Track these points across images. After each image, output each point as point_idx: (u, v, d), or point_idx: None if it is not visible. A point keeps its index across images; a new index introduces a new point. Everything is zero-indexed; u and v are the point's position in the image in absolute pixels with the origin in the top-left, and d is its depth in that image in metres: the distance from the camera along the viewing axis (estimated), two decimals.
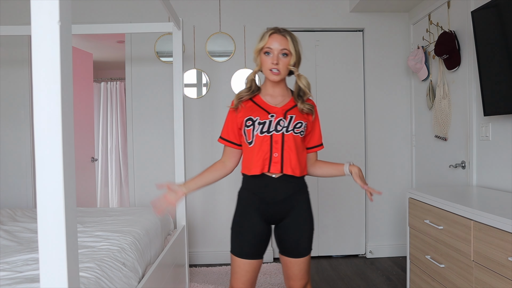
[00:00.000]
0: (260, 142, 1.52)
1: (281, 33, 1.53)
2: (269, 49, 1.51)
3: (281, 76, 1.54)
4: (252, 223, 1.55)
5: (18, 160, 3.18)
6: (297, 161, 1.53)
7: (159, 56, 3.25)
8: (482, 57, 2.15)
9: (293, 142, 1.52)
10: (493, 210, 1.64)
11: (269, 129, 1.52)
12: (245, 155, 1.59)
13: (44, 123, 0.74)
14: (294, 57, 1.53)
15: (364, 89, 3.36)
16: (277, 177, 1.53)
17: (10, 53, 3.17)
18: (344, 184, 3.37)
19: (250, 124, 1.54)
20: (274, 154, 1.51)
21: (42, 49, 0.73)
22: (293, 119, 1.54)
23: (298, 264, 1.57)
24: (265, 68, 1.54)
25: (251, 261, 1.55)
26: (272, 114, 1.53)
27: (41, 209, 0.75)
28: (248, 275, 1.56)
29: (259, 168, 1.52)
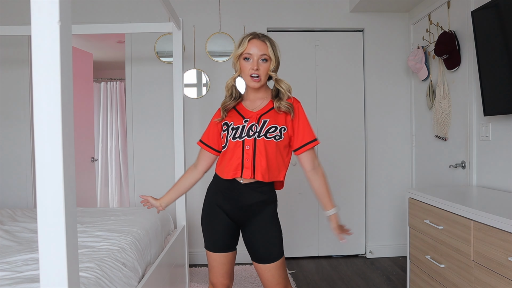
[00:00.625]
0: (233, 147, 1.52)
1: (260, 39, 1.51)
2: (249, 55, 1.49)
3: (261, 82, 1.52)
4: (219, 219, 1.57)
5: (18, 160, 3.18)
6: (267, 167, 1.50)
7: (159, 56, 3.25)
8: (482, 57, 2.15)
9: (264, 148, 1.49)
10: (493, 210, 1.64)
11: (241, 134, 1.51)
12: (221, 158, 1.62)
13: (44, 123, 0.74)
14: (274, 62, 1.51)
15: (364, 89, 3.36)
16: (244, 183, 1.52)
17: (10, 53, 3.17)
18: (344, 184, 3.37)
19: (225, 129, 1.56)
20: (245, 160, 1.50)
21: (42, 49, 0.73)
22: (266, 123, 1.51)
23: (269, 270, 1.55)
24: (245, 74, 1.52)
25: (225, 254, 1.59)
26: (246, 119, 1.53)
27: (41, 209, 0.75)
28: (224, 268, 1.61)
29: (231, 173, 1.52)
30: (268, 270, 1.55)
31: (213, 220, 1.59)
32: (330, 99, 3.35)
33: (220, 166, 1.59)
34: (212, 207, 1.60)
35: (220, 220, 1.57)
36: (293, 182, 3.19)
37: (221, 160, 1.59)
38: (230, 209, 1.56)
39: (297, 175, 3.15)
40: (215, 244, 1.59)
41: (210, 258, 1.62)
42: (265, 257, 1.54)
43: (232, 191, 1.54)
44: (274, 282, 1.56)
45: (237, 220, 1.57)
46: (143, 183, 3.28)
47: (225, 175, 1.54)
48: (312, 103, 3.33)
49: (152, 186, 3.27)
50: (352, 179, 3.38)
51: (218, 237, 1.58)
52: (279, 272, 1.56)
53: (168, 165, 3.20)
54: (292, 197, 3.29)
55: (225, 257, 1.59)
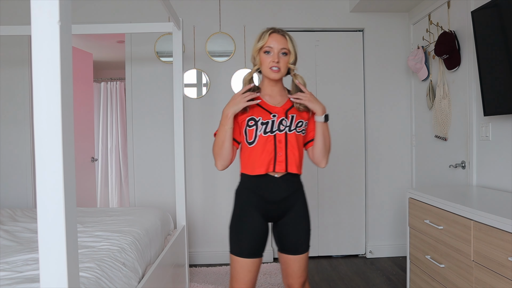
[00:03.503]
0: (264, 142, 1.53)
1: (280, 33, 1.56)
2: (269, 48, 1.53)
3: (281, 74, 1.55)
4: (251, 221, 1.56)
5: (18, 160, 3.18)
6: (299, 160, 1.57)
7: (159, 56, 3.25)
8: (482, 57, 2.15)
9: (295, 141, 1.55)
10: (493, 210, 1.64)
11: (272, 129, 1.54)
12: (245, 155, 1.59)
13: (44, 123, 0.74)
14: (293, 56, 1.56)
15: (364, 89, 3.36)
16: (279, 176, 1.55)
17: (10, 53, 3.17)
18: (344, 184, 3.37)
19: (253, 124, 1.54)
20: (278, 154, 1.53)
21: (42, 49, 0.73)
22: (295, 118, 1.56)
23: (297, 261, 1.59)
24: (265, 67, 1.55)
25: (252, 260, 1.55)
26: (274, 114, 1.55)
27: (41, 209, 0.75)
28: (249, 275, 1.56)
29: (264, 168, 1.53)
30: (296, 262, 1.59)
31: (245, 223, 1.56)
32: (330, 99, 3.35)
33: (249, 163, 1.57)
34: (245, 209, 1.58)
35: (251, 222, 1.56)
36: None
37: (249, 157, 1.56)
38: (266, 206, 1.56)
39: None
40: (243, 248, 1.55)
41: (235, 263, 1.57)
42: (293, 249, 1.59)
43: (267, 187, 1.55)
44: (298, 274, 1.60)
45: (271, 215, 1.58)
46: (143, 183, 3.28)
47: (257, 171, 1.54)
48: None
49: (152, 186, 3.28)
50: (352, 179, 3.38)
51: (248, 241, 1.55)
52: (304, 265, 1.61)
53: (168, 165, 3.20)
54: None
55: (251, 264, 1.55)
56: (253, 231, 1.55)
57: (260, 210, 1.56)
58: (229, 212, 1.67)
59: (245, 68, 3.26)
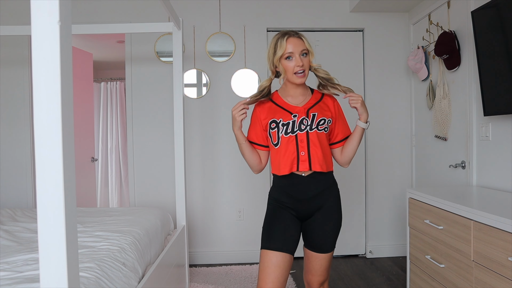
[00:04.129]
0: (286, 142, 1.56)
1: (296, 36, 1.55)
2: (290, 54, 1.53)
3: (306, 76, 1.57)
4: (284, 218, 1.57)
5: (18, 160, 3.18)
6: (323, 158, 1.56)
7: (159, 56, 3.25)
8: (482, 57, 2.15)
9: (317, 140, 1.55)
10: (493, 210, 1.64)
11: (293, 129, 1.55)
12: (273, 156, 1.63)
13: (44, 123, 0.74)
14: (313, 54, 1.58)
15: (364, 89, 3.36)
16: (306, 175, 1.57)
17: (10, 53, 3.17)
18: (344, 184, 3.37)
19: (275, 126, 1.57)
20: (301, 153, 1.55)
21: (42, 49, 0.73)
22: (316, 116, 1.57)
23: (320, 259, 1.61)
24: (289, 73, 1.55)
25: (281, 253, 1.51)
26: (295, 114, 1.57)
27: (41, 209, 0.75)
28: (277, 271, 1.49)
29: (288, 168, 1.55)
30: (318, 260, 1.61)
31: (277, 219, 1.58)
32: None
33: (275, 164, 1.61)
34: (277, 208, 1.60)
35: (284, 218, 1.57)
36: None
37: (275, 158, 1.61)
38: (297, 204, 1.57)
39: None
40: (273, 241, 1.53)
41: (264, 258, 1.53)
42: (317, 246, 1.60)
43: (296, 186, 1.57)
44: (319, 272, 1.63)
45: (304, 214, 1.59)
46: (143, 183, 3.28)
47: (282, 171, 1.56)
48: None
49: (152, 186, 3.28)
50: (352, 179, 3.38)
51: (278, 235, 1.54)
52: (327, 264, 1.63)
53: (168, 165, 3.20)
54: None
55: (280, 258, 1.50)
56: (284, 225, 1.56)
57: (291, 209, 1.58)
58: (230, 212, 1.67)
59: (245, 68, 3.26)
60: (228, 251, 3.26)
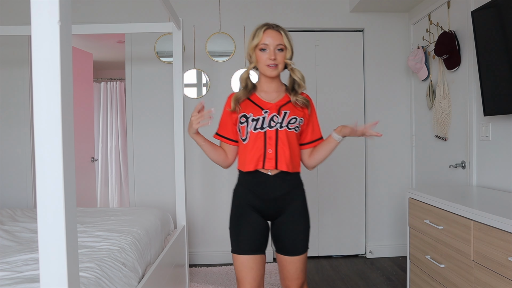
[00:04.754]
0: (254, 138, 1.52)
1: (275, 29, 1.53)
2: (265, 45, 1.51)
3: (278, 70, 1.54)
4: (250, 218, 1.53)
5: (18, 160, 3.18)
6: (290, 157, 1.52)
7: (159, 56, 3.25)
8: (482, 57, 2.15)
9: (286, 138, 1.52)
10: (493, 210, 1.64)
11: (263, 125, 1.51)
12: (240, 151, 1.60)
13: (44, 123, 0.74)
14: (290, 51, 1.54)
15: (364, 89, 3.36)
16: (273, 174, 1.53)
17: (10, 53, 3.17)
18: (344, 184, 3.37)
19: (244, 121, 1.54)
20: (268, 151, 1.51)
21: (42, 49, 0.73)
22: (287, 114, 1.53)
23: (294, 263, 1.55)
24: (261, 65, 1.54)
25: (253, 256, 1.51)
26: (266, 110, 1.53)
27: (41, 209, 0.75)
28: (252, 273, 1.51)
29: (253, 164, 1.52)
30: (292, 263, 1.54)
31: (242, 220, 1.54)
32: (330, 99, 3.35)
33: (241, 160, 1.58)
34: (242, 207, 1.56)
35: (250, 219, 1.53)
36: None
37: (242, 153, 1.58)
38: (262, 204, 1.54)
39: None
40: (243, 246, 1.52)
41: (237, 263, 1.54)
42: (290, 249, 1.54)
43: (261, 184, 1.53)
44: (295, 276, 1.55)
45: (269, 214, 1.55)
46: (143, 183, 3.28)
47: (247, 167, 1.53)
48: None
49: (152, 186, 3.28)
50: (352, 179, 3.38)
51: (247, 238, 1.52)
52: (302, 266, 1.56)
53: (168, 165, 3.20)
54: None
55: (253, 261, 1.51)
56: (251, 227, 1.52)
57: (256, 208, 1.54)
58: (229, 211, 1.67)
59: (245, 68, 3.25)
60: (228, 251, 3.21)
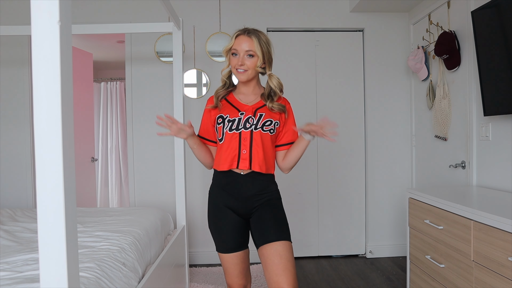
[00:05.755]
0: (229, 139, 1.55)
1: (248, 35, 1.54)
2: (235, 50, 1.55)
3: (247, 75, 1.56)
4: (228, 218, 1.57)
5: (18, 160, 3.18)
6: (264, 159, 1.55)
7: (159, 56, 3.25)
8: (482, 57, 2.15)
9: (260, 140, 1.54)
10: (493, 210, 1.64)
11: (238, 126, 1.55)
12: (217, 151, 1.63)
13: (44, 123, 0.74)
14: (261, 59, 1.54)
15: (364, 89, 3.36)
16: (244, 173, 1.56)
17: (10, 53, 3.17)
18: (344, 184, 3.37)
19: (221, 122, 1.58)
20: (242, 151, 1.54)
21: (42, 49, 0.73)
22: (262, 117, 1.56)
23: (277, 250, 1.44)
24: (232, 68, 1.59)
25: (237, 253, 1.59)
26: (242, 112, 1.57)
27: (41, 209, 0.75)
28: (238, 267, 1.61)
29: (227, 164, 1.55)
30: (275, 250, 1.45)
31: (221, 220, 1.59)
32: (330, 99, 3.35)
33: (217, 159, 1.61)
34: (218, 208, 1.60)
35: (227, 219, 1.58)
36: (292, 182, 3.19)
37: (218, 153, 1.62)
38: (236, 203, 1.57)
39: (296, 175, 3.15)
40: (225, 245, 1.58)
41: (223, 260, 1.62)
42: (271, 236, 1.48)
43: (234, 184, 1.56)
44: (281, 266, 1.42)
45: (245, 212, 1.58)
46: (143, 183, 3.28)
47: (221, 167, 1.56)
48: (312, 103, 3.33)
49: (152, 186, 3.27)
50: (352, 179, 3.38)
51: (228, 237, 1.58)
52: (287, 254, 1.45)
53: (168, 165, 3.20)
54: (292, 197, 3.28)
55: (238, 257, 1.59)
56: (230, 227, 1.57)
57: (231, 207, 1.57)
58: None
59: None
60: None
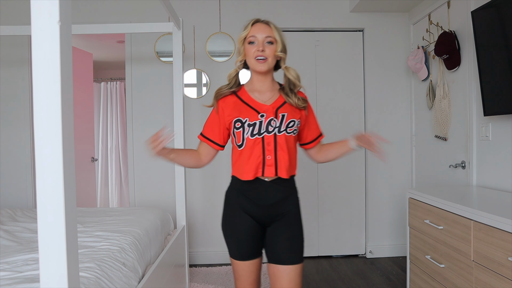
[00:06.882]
0: (252, 145, 1.44)
1: (264, 22, 1.48)
2: (253, 38, 1.44)
3: (267, 65, 1.45)
4: (245, 225, 1.48)
5: (18, 160, 3.18)
6: (289, 163, 1.46)
7: (159, 56, 3.25)
8: (482, 57, 2.15)
9: (285, 143, 1.45)
10: (493, 210, 1.64)
11: (260, 130, 1.43)
12: (235, 158, 1.51)
13: (44, 123, 0.74)
14: (280, 44, 1.45)
15: (364, 89, 3.36)
16: (269, 180, 1.47)
17: (10, 53, 3.17)
18: (344, 184, 3.37)
19: (240, 126, 1.45)
20: (267, 157, 1.43)
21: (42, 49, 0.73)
22: (285, 117, 1.45)
23: (287, 273, 1.44)
24: (250, 58, 1.46)
25: (252, 261, 1.50)
26: (262, 114, 1.44)
27: (41, 209, 0.75)
28: (252, 276, 1.52)
29: (252, 173, 1.44)
30: (286, 274, 1.44)
31: (238, 226, 1.49)
32: (330, 99, 3.35)
33: (238, 167, 1.49)
34: (236, 212, 1.50)
35: (245, 224, 1.48)
36: None
37: (237, 160, 1.49)
38: (256, 210, 1.47)
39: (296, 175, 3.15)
40: (241, 252, 1.49)
41: (237, 267, 1.52)
42: (285, 258, 1.45)
43: (256, 190, 1.46)
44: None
45: (263, 220, 1.49)
46: (143, 183, 3.28)
47: (245, 176, 1.45)
48: (312, 103, 3.29)
49: (152, 186, 3.27)
50: (352, 179, 3.38)
51: (245, 244, 1.48)
52: (296, 279, 1.46)
53: (168, 165, 3.19)
54: None
55: (253, 265, 1.50)
56: (247, 233, 1.48)
57: (250, 213, 1.48)
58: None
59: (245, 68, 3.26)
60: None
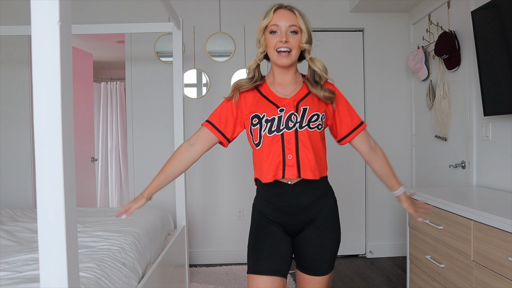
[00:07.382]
0: (270, 143, 1.27)
1: (288, 8, 1.31)
2: (276, 27, 1.27)
3: (291, 58, 1.28)
4: (270, 234, 1.31)
5: (18, 160, 3.18)
6: (316, 162, 1.27)
7: (159, 56, 3.25)
8: (482, 57, 2.15)
9: (308, 140, 1.26)
10: (493, 210, 1.64)
11: (279, 126, 1.26)
12: (255, 158, 1.35)
13: (44, 123, 0.74)
14: (306, 34, 1.28)
15: (364, 89, 3.36)
16: (293, 183, 1.28)
17: (10, 53, 3.17)
18: (344, 184, 3.36)
19: (257, 123, 1.29)
20: (287, 156, 1.25)
21: (42, 49, 0.73)
22: (307, 111, 1.26)
23: (314, 284, 1.32)
24: (271, 50, 1.28)
25: (272, 278, 1.27)
26: (282, 108, 1.27)
27: (41, 209, 0.75)
28: None
29: (271, 174, 1.27)
30: (311, 284, 1.32)
31: (263, 237, 1.31)
32: None
33: (258, 169, 1.33)
34: (262, 223, 1.33)
35: (271, 235, 1.31)
36: None
37: (257, 161, 1.33)
38: (285, 218, 1.31)
39: None
40: (261, 264, 1.28)
41: (253, 284, 1.28)
42: (312, 268, 1.31)
43: (281, 196, 1.29)
44: None
45: (293, 229, 1.33)
46: (143, 183, 3.27)
47: (264, 178, 1.28)
48: None
49: None
50: (352, 179, 3.38)
51: (267, 256, 1.29)
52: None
53: None
54: None
55: (272, 283, 1.26)
56: (271, 244, 1.30)
57: (278, 222, 1.32)
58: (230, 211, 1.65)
59: (245, 68, 3.26)
60: (228, 251, 3.26)
